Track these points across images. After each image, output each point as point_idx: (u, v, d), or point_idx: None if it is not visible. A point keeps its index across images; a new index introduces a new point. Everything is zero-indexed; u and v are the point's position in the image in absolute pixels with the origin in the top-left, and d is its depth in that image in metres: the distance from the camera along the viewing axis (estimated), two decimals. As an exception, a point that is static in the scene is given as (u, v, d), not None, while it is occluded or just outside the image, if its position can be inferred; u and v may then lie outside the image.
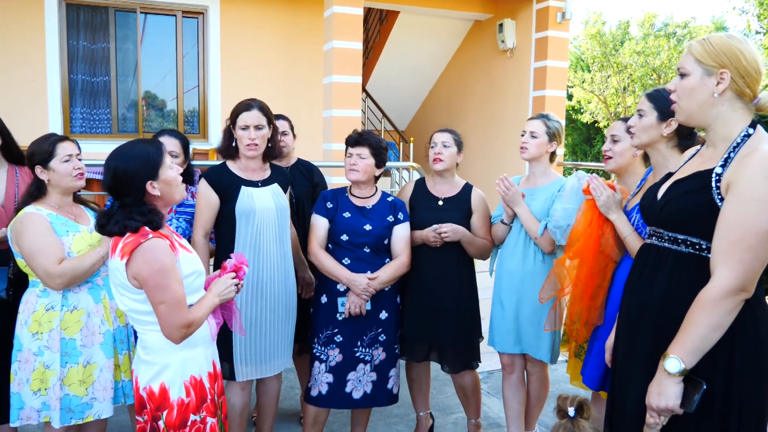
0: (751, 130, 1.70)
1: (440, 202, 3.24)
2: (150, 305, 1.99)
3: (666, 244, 1.85)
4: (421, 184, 3.35)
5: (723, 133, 1.74)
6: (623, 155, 2.69)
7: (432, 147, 3.23)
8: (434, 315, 3.17)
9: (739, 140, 1.70)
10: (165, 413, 2.02)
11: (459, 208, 3.22)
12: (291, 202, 3.17)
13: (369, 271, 2.97)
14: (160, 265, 1.94)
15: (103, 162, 2.10)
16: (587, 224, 2.50)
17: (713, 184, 1.70)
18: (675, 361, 1.66)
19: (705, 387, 1.65)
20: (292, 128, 3.60)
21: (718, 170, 1.70)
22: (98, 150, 5.37)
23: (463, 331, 3.22)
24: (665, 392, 1.68)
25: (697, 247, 1.75)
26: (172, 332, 1.98)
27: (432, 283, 3.17)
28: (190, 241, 3.01)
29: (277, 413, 3.22)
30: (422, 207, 3.24)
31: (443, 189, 3.28)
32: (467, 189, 3.29)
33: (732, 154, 1.69)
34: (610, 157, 2.73)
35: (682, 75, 1.78)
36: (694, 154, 1.91)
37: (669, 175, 1.96)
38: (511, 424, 3.27)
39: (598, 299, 2.52)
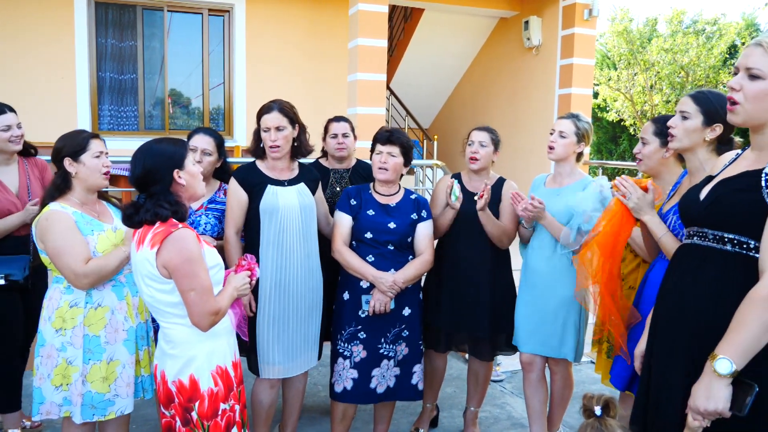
0: None
1: (476, 198, 3.23)
2: (176, 297, 2.04)
3: (710, 244, 1.79)
4: (457, 179, 3.35)
5: None
6: (651, 158, 2.67)
7: (469, 145, 3.26)
8: (470, 304, 3.20)
9: None
10: (197, 404, 2.06)
11: (493, 200, 3.24)
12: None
13: (393, 269, 2.97)
14: (190, 254, 2.01)
15: (129, 158, 2.17)
16: (608, 220, 2.43)
17: (763, 183, 1.66)
18: (726, 363, 1.58)
19: (757, 389, 1.58)
20: (353, 130, 3.57)
21: None
22: (125, 147, 5.43)
23: (499, 319, 3.23)
24: (715, 395, 1.60)
25: (744, 246, 1.71)
26: (201, 319, 2.02)
27: (466, 272, 3.21)
28: (218, 238, 3.05)
29: (301, 409, 3.23)
30: None
31: (479, 185, 3.28)
32: (500, 182, 3.34)
33: None
34: (641, 159, 2.72)
35: (754, 76, 1.67)
36: (735, 158, 1.86)
37: (710, 177, 1.91)
38: (533, 424, 3.24)
39: (626, 301, 2.46)
